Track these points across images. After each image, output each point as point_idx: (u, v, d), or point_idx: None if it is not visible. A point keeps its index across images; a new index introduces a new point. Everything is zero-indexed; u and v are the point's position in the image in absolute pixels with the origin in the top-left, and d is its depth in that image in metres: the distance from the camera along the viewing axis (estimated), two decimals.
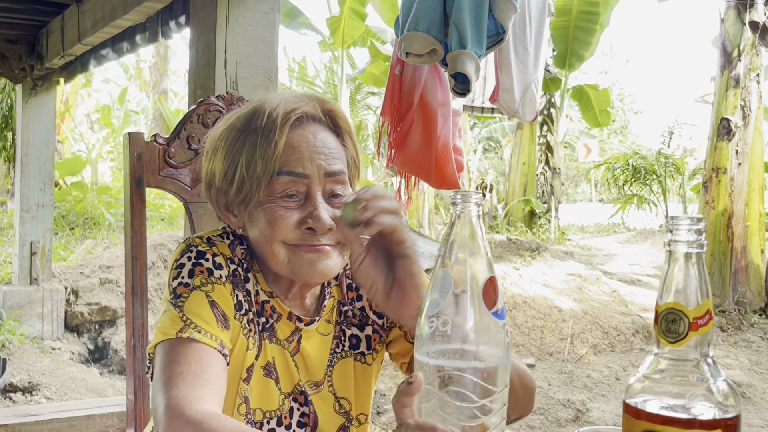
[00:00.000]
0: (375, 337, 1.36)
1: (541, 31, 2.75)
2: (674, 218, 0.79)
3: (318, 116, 1.27)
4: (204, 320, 1.17)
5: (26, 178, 6.04)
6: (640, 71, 71.13)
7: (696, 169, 14.29)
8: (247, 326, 1.25)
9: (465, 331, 0.80)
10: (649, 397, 0.78)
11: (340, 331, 1.35)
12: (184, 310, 1.18)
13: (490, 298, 0.82)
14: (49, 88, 6.06)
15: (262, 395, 1.27)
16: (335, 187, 1.25)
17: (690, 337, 0.76)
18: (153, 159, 1.69)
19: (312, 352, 1.32)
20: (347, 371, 1.34)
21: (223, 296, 1.22)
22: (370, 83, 10.69)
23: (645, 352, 6.39)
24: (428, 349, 0.81)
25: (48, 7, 5.01)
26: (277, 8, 2.55)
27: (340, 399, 1.33)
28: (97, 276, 6.71)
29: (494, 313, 0.81)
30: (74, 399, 4.72)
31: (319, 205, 1.21)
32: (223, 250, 1.27)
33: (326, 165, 1.23)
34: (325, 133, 1.26)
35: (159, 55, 16.95)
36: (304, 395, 1.31)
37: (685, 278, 0.78)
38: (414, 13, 2.26)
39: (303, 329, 1.31)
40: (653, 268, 9.42)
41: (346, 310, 1.36)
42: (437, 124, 2.69)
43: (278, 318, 1.30)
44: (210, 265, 1.24)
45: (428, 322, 0.82)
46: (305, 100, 1.27)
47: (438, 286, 0.82)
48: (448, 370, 0.79)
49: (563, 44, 10.86)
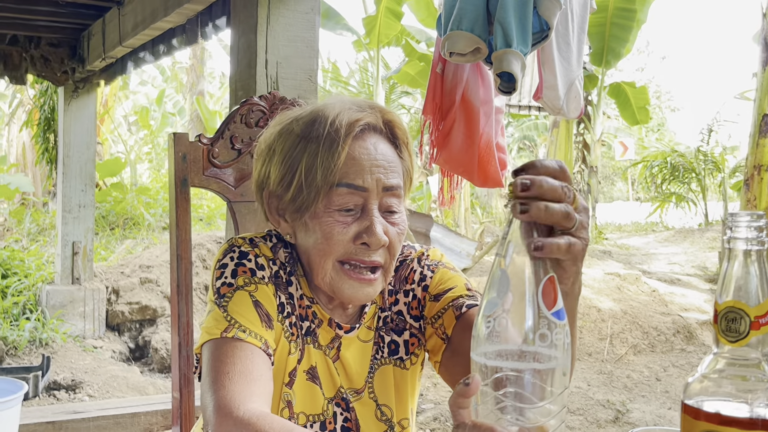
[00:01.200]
0: (413, 341, 1.35)
1: (584, 26, 2.71)
2: (734, 215, 0.77)
3: (379, 127, 1.25)
4: (248, 320, 1.18)
5: (68, 179, 6.13)
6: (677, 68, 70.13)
7: (736, 166, 14.07)
8: (289, 329, 1.26)
9: (524, 331, 0.78)
10: (709, 398, 0.76)
11: (379, 337, 1.34)
12: (228, 310, 1.18)
13: (550, 297, 0.79)
14: (90, 91, 6.15)
15: (306, 399, 1.28)
16: (391, 201, 1.23)
17: (751, 336, 0.75)
18: (197, 159, 1.70)
19: (352, 360, 1.31)
20: (387, 378, 1.34)
21: (267, 296, 1.22)
22: (406, 83, 10.68)
23: (686, 352, 6.30)
24: (486, 350, 0.79)
25: (89, 10, 5.08)
26: (317, 8, 2.56)
27: (381, 406, 1.33)
28: (138, 276, 6.79)
29: (554, 313, 0.79)
30: (116, 397, 4.79)
31: (375, 220, 1.20)
32: (265, 251, 1.27)
33: (385, 179, 1.21)
34: (384, 145, 1.24)
35: (196, 57, 17.10)
36: (346, 401, 1.30)
37: (745, 276, 0.76)
38: (457, 12, 2.25)
39: (343, 336, 1.31)
40: (693, 267, 9.29)
41: (385, 316, 1.35)
42: (479, 122, 2.67)
43: (319, 324, 1.30)
44: (252, 266, 1.24)
45: (485, 322, 0.80)
46: (367, 109, 1.24)
47: (495, 285, 0.80)
48: (506, 372, 0.78)
49: (600, 41, 10.75)
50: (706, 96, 65.91)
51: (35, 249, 8.09)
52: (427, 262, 1.37)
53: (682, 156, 13.86)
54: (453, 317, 1.28)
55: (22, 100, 13.80)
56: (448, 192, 3.00)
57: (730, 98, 14.70)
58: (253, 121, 1.75)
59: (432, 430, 4.50)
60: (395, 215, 1.24)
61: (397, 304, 1.36)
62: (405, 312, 1.35)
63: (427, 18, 9.78)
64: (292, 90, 2.50)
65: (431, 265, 1.37)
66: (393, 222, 1.23)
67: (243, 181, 1.74)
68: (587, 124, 12.76)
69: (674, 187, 14.05)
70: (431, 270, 1.36)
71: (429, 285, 1.35)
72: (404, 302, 1.36)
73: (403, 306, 1.36)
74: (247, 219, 1.73)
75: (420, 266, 1.37)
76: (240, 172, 1.74)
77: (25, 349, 5.41)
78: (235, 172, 1.73)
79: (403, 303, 1.36)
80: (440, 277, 1.35)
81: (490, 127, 2.69)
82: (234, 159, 1.73)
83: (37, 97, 7.41)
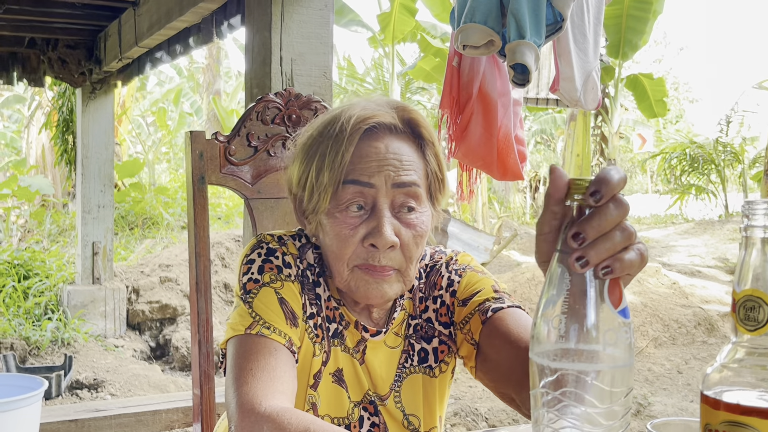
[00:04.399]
0: (443, 348, 1.32)
1: (599, 18, 2.69)
2: (750, 203, 0.76)
3: (396, 126, 1.21)
4: (273, 317, 1.17)
5: (87, 180, 6.18)
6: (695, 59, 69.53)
7: (756, 156, 13.95)
8: (313, 330, 1.24)
9: (589, 330, 0.74)
10: (728, 388, 0.75)
11: (409, 345, 1.31)
12: (254, 307, 1.17)
13: (615, 295, 0.76)
14: (107, 92, 6.19)
15: (331, 402, 1.26)
16: (406, 200, 1.19)
17: None
18: (214, 157, 1.71)
19: (377, 365, 1.29)
20: (416, 387, 1.31)
21: (292, 294, 1.21)
22: (421, 79, 10.68)
23: (707, 344, 6.26)
24: (546, 350, 0.75)
25: (105, 11, 5.12)
26: (330, 5, 2.56)
27: (408, 416, 1.30)
28: (157, 275, 6.84)
29: (620, 311, 0.75)
30: (138, 395, 4.83)
31: (384, 219, 1.16)
32: (292, 250, 1.26)
33: (395, 175, 1.17)
34: (400, 144, 1.20)
35: (212, 56, 17.18)
36: (374, 405, 1.29)
37: (763, 264, 0.75)
38: (470, 5, 2.24)
39: (369, 340, 1.28)
40: (713, 259, 9.22)
41: (415, 324, 1.32)
42: (497, 115, 2.66)
43: (346, 326, 1.28)
44: (279, 263, 1.22)
45: (545, 321, 0.76)
46: (384, 108, 1.22)
47: (555, 283, 0.76)
48: (569, 373, 0.74)
49: (616, 33, 10.68)
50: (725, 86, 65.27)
51: (56, 250, 8.16)
52: (454, 267, 1.34)
53: (701, 147, 13.75)
54: (479, 322, 1.24)
55: (41, 102, 13.92)
56: (467, 186, 2.98)
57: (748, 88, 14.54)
58: (269, 118, 1.76)
59: (452, 425, 4.50)
60: (411, 215, 1.19)
61: (427, 311, 1.33)
62: (434, 319, 1.32)
63: (442, 13, 9.76)
64: (307, 87, 2.50)
65: (459, 270, 1.33)
66: (408, 222, 1.19)
67: (260, 178, 1.74)
68: (605, 116, 12.69)
69: (694, 179, 13.95)
70: (458, 274, 1.32)
71: (457, 290, 1.31)
72: (433, 309, 1.32)
73: (432, 313, 1.32)
74: (264, 216, 1.73)
75: (448, 271, 1.33)
76: (257, 169, 1.74)
77: (47, 349, 5.46)
78: (252, 169, 1.74)
79: (432, 310, 1.32)
80: (468, 281, 1.31)
81: (508, 119, 2.68)
82: (250, 156, 1.74)
83: (55, 99, 7.47)
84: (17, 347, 5.36)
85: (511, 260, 8.28)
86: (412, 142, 1.22)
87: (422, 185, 1.21)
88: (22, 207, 11.51)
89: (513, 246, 9.49)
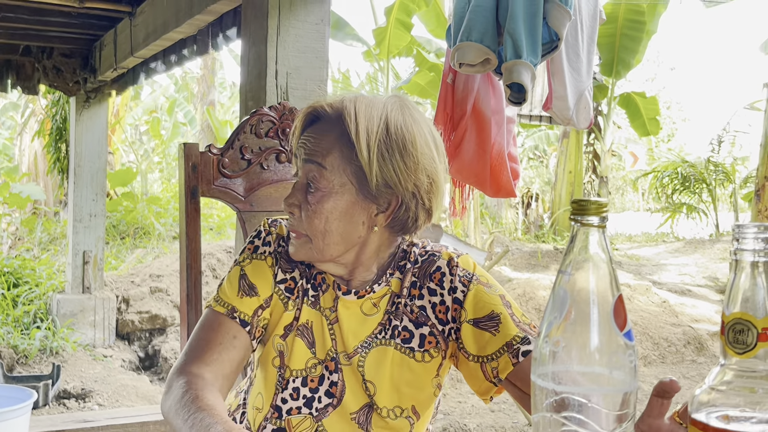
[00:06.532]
0: (430, 339, 1.38)
1: (593, 37, 2.71)
2: (740, 226, 0.77)
3: (326, 114, 1.34)
4: (226, 291, 1.38)
5: (79, 188, 6.16)
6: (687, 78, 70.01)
7: (747, 176, 14.02)
8: (284, 293, 1.40)
9: (593, 353, 0.74)
10: (716, 410, 0.76)
11: (388, 320, 1.39)
12: (221, 286, 1.40)
13: (621, 318, 0.75)
14: (102, 101, 6.18)
15: (291, 354, 1.39)
16: (309, 176, 1.33)
17: (759, 348, 0.75)
18: (207, 169, 1.71)
19: (347, 324, 1.39)
20: (384, 358, 1.38)
21: (258, 269, 1.40)
22: (416, 94, 10.70)
23: (696, 363, 6.27)
24: (549, 372, 0.75)
25: (101, 21, 5.12)
26: (326, 19, 2.58)
27: (367, 382, 1.37)
28: (148, 285, 6.81)
29: (626, 334, 0.75)
30: (126, 406, 4.80)
31: (293, 189, 1.35)
32: (280, 231, 1.44)
33: (306, 152, 1.33)
34: (324, 127, 1.34)
35: (207, 67, 17.18)
36: (336, 362, 1.38)
37: (753, 287, 0.76)
38: (466, 23, 2.26)
39: (340, 297, 1.39)
40: (704, 278, 9.24)
41: (399, 302, 1.39)
42: (491, 132, 2.67)
43: (326, 288, 1.41)
44: (259, 243, 1.42)
45: (548, 343, 0.75)
46: (329, 99, 1.36)
47: (558, 305, 0.76)
48: (572, 396, 0.73)
49: (610, 52, 10.75)
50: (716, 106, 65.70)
51: (46, 258, 8.12)
52: (459, 272, 1.39)
53: (693, 166, 13.81)
54: (510, 364, 1.31)
55: (35, 110, 13.89)
56: (459, 203, 3.00)
57: (740, 109, 14.63)
58: (263, 131, 1.76)
59: None
60: (311, 193, 1.32)
61: (422, 298, 1.39)
62: (429, 309, 1.39)
63: (437, 29, 9.80)
64: (302, 100, 2.51)
65: (464, 277, 1.38)
66: (307, 198, 1.33)
67: (253, 191, 1.75)
68: (597, 134, 12.75)
69: (685, 198, 14.00)
70: (464, 284, 1.38)
71: (463, 301, 1.37)
72: (430, 301, 1.39)
73: (428, 303, 1.39)
74: None
75: (451, 274, 1.39)
76: (250, 182, 1.75)
77: (35, 358, 5.43)
78: (245, 182, 1.74)
79: (428, 301, 1.39)
80: (477, 297, 1.36)
81: (501, 137, 2.69)
82: (244, 169, 1.74)
83: (49, 107, 7.46)
84: (5, 355, 5.33)
85: (502, 276, 8.28)
86: (336, 128, 1.32)
87: (330, 166, 1.30)
88: (13, 214, 11.47)
89: (504, 262, 9.50)
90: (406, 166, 1.29)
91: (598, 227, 0.78)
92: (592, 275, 0.76)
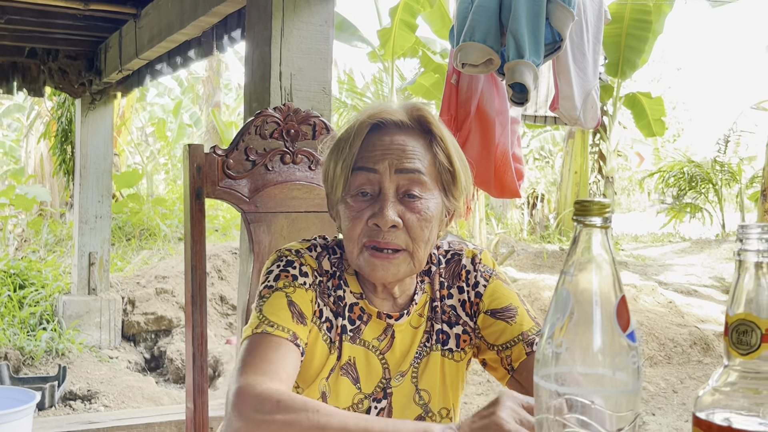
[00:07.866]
0: (465, 337, 1.41)
1: (599, 37, 2.71)
2: (744, 227, 0.76)
3: (404, 122, 1.31)
4: (278, 316, 1.26)
5: (85, 190, 6.17)
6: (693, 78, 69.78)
7: (754, 176, 13.98)
8: (327, 333, 1.34)
9: (596, 354, 0.73)
10: (720, 411, 0.76)
11: (431, 326, 1.40)
12: (263, 310, 1.28)
13: (624, 319, 0.75)
14: (107, 102, 6.20)
15: (339, 392, 1.35)
16: (410, 185, 1.29)
17: (762, 349, 0.74)
18: (212, 170, 1.71)
19: (400, 344, 1.38)
20: (434, 365, 1.39)
21: (303, 299, 1.31)
22: (420, 95, 10.70)
23: (702, 364, 6.25)
24: (551, 373, 0.74)
25: (106, 23, 5.14)
26: (330, 21, 2.58)
27: (420, 390, 1.38)
28: (153, 286, 6.82)
29: (629, 335, 0.75)
30: (131, 407, 4.81)
31: (386, 202, 1.27)
32: (310, 262, 1.36)
33: (398, 162, 1.28)
34: (406, 137, 1.31)
35: (212, 68, 17.21)
36: (384, 390, 1.36)
37: (756, 288, 0.75)
38: (469, 24, 2.26)
39: (395, 324, 1.37)
40: (710, 278, 9.22)
41: (435, 306, 1.41)
42: (495, 133, 2.67)
43: (368, 319, 1.37)
44: (296, 272, 1.34)
45: (550, 344, 0.75)
46: (394, 107, 1.34)
47: (561, 306, 0.75)
48: (574, 397, 0.72)
49: (616, 52, 10.72)
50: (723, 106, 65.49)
51: (52, 259, 8.15)
52: (481, 268, 1.43)
53: (699, 166, 13.79)
54: (524, 353, 1.34)
55: (40, 111, 13.94)
56: (464, 203, 2.99)
57: (746, 108, 14.60)
58: (268, 132, 1.76)
59: None
60: (415, 201, 1.29)
61: (451, 298, 1.41)
62: (459, 308, 1.41)
63: (442, 29, 9.79)
64: (306, 102, 2.51)
65: (485, 272, 1.43)
66: (412, 207, 1.28)
67: (257, 192, 1.75)
68: (603, 134, 12.72)
69: (691, 198, 13.97)
70: (485, 278, 1.42)
71: (483, 294, 1.41)
72: (458, 299, 1.41)
73: (456, 302, 1.41)
74: (261, 230, 1.74)
75: (474, 269, 1.43)
76: (254, 183, 1.75)
77: (41, 359, 5.44)
78: (250, 183, 1.74)
79: (457, 299, 1.41)
80: (494, 290, 1.41)
81: (505, 138, 2.69)
82: (248, 170, 1.74)
83: (54, 109, 7.47)
84: (11, 357, 5.34)
85: (507, 276, 8.31)
86: (419, 137, 1.32)
87: (428, 173, 1.30)
88: (20, 216, 11.50)
89: (510, 262, 9.49)
90: (466, 169, 1.36)
91: (601, 228, 0.78)
92: (594, 276, 0.76)
